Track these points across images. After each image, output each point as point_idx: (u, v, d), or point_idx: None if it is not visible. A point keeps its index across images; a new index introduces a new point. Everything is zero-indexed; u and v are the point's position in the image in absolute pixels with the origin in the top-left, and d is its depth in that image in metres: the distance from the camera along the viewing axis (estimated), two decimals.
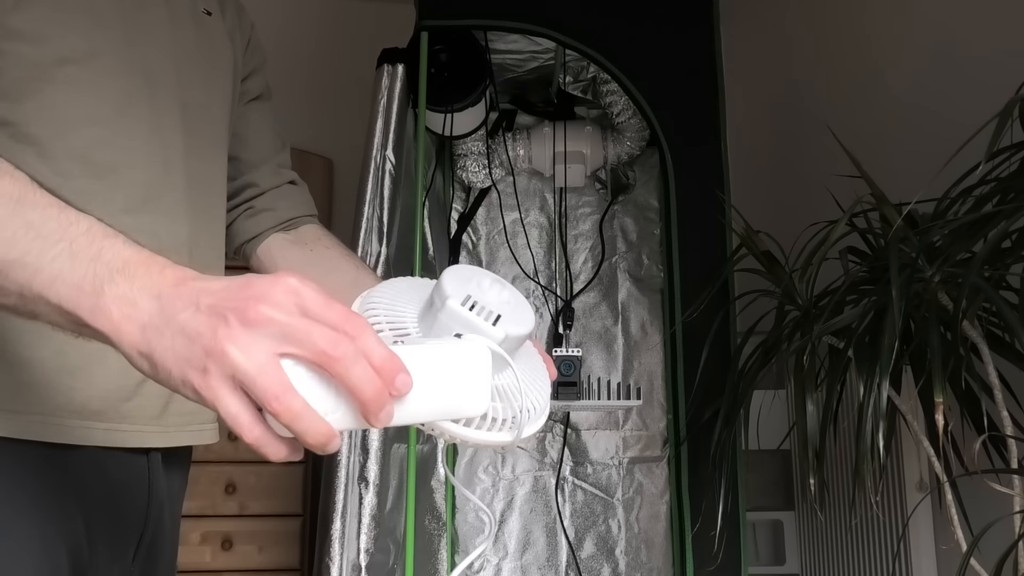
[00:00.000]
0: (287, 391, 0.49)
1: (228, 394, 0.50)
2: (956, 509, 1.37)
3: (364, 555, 1.72)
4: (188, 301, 0.52)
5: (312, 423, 0.50)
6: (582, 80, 2.26)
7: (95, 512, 0.83)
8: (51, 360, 0.77)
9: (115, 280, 0.53)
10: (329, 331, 0.51)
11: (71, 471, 0.81)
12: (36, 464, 0.77)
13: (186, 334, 0.51)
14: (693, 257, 2.00)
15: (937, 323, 1.29)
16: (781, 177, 2.68)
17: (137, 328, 0.52)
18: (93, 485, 0.83)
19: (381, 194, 1.87)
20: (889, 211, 1.48)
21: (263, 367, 0.49)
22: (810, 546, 2.25)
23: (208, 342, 0.50)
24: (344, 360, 0.50)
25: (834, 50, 2.46)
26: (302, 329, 0.50)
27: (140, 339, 0.52)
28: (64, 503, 0.79)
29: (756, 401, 1.81)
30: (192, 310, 0.51)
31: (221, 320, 0.50)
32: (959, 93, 1.91)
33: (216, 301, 0.51)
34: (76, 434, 0.80)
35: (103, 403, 0.82)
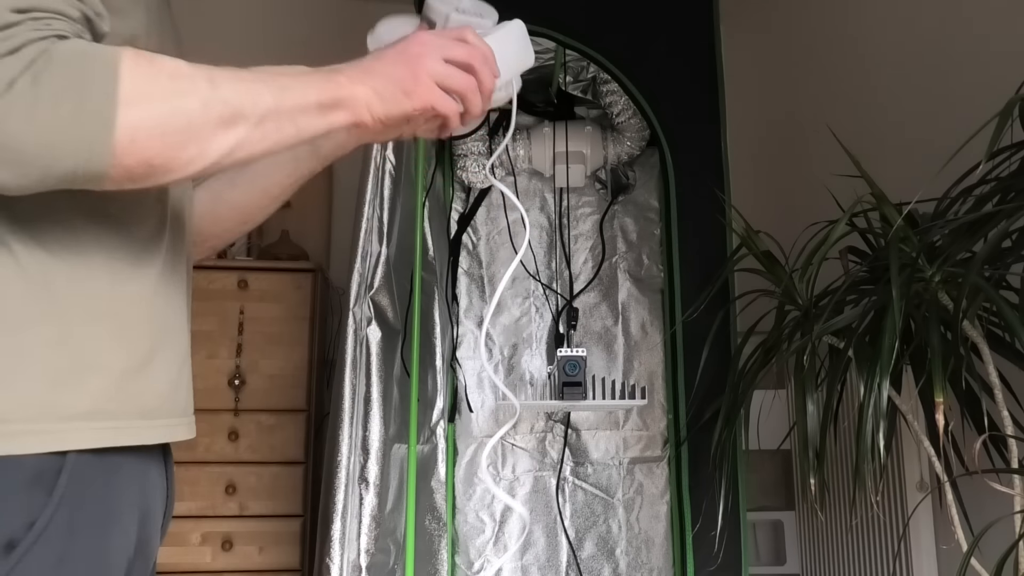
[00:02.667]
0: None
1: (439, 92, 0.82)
2: (956, 509, 1.37)
3: (364, 555, 1.72)
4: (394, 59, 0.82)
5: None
6: (582, 80, 2.26)
7: (142, 515, 0.83)
8: (120, 362, 0.78)
9: (338, 74, 0.79)
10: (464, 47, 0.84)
11: (129, 474, 0.81)
12: (115, 471, 0.78)
13: (404, 65, 0.81)
14: (693, 257, 2.00)
15: (937, 323, 1.29)
16: (781, 177, 2.68)
17: (369, 88, 0.79)
18: (145, 486, 0.84)
19: (381, 194, 1.87)
20: (889, 211, 1.48)
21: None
22: (810, 546, 2.25)
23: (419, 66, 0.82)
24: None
25: (834, 50, 2.46)
26: (451, 48, 0.83)
27: (373, 94, 0.79)
28: (128, 510, 0.80)
29: (756, 401, 1.81)
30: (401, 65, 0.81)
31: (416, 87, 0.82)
32: (959, 93, 1.91)
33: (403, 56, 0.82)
34: (143, 434, 0.81)
35: (160, 400, 0.83)
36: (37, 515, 0.70)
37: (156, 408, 0.82)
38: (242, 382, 2.38)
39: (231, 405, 2.37)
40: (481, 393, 2.20)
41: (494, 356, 2.23)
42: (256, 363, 2.40)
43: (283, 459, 2.37)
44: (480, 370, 2.22)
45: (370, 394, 1.78)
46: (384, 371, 1.81)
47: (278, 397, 2.40)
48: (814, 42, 2.59)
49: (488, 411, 2.19)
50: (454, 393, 2.18)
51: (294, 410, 2.40)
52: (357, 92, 0.78)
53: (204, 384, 2.38)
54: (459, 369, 2.20)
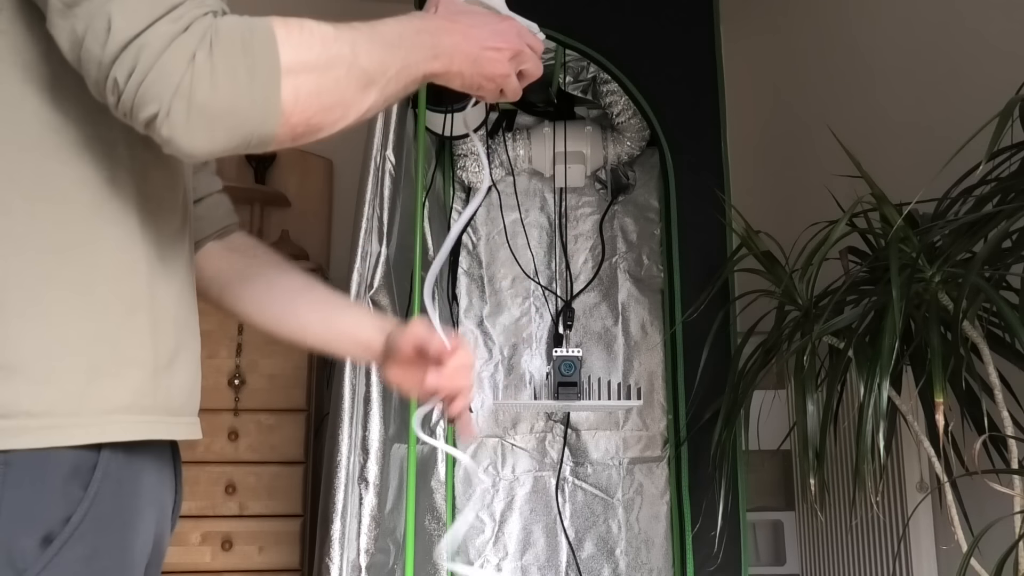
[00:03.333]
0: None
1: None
2: (956, 509, 1.37)
3: (364, 555, 1.72)
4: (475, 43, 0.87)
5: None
6: (582, 80, 2.26)
7: (159, 511, 0.86)
8: (153, 358, 0.80)
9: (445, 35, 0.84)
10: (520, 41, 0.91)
11: (150, 470, 0.82)
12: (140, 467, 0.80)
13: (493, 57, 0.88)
14: (693, 257, 2.00)
15: (937, 323, 1.29)
16: (781, 177, 2.68)
17: (465, 55, 0.85)
18: (161, 483, 0.86)
19: (381, 194, 1.87)
20: (889, 211, 1.48)
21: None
22: (810, 546, 2.25)
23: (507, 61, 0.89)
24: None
25: (834, 50, 2.46)
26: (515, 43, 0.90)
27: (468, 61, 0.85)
28: (148, 506, 0.82)
29: (756, 401, 1.81)
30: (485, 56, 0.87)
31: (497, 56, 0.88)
32: (959, 93, 1.91)
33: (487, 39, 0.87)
34: (172, 430, 0.83)
35: (184, 397, 0.86)
36: (73, 510, 0.71)
37: (181, 405, 0.85)
38: (242, 382, 2.38)
39: (231, 405, 2.37)
40: (481, 393, 2.20)
41: (494, 356, 2.23)
42: (256, 363, 2.40)
43: (283, 459, 2.37)
44: (480, 370, 2.22)
45: (370, 394, 1.77)
46: None
47: (278, 397, 2.39)
48: (814, 42, 2.59)
49: (488, 411, 2.19)
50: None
51: (294, 410, 2.40)
52: (456, 58, 0.85)
53: (204, 384, 2.36)
54: None
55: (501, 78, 0.89)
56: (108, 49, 0.64)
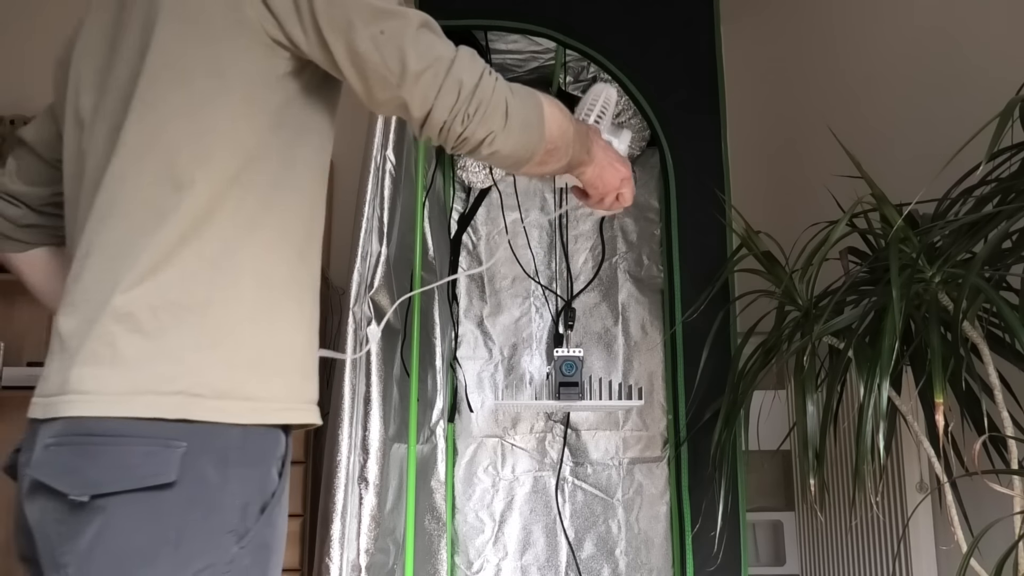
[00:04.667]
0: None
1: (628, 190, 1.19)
2: (956, 510, 1.37)
3: (364, 555, 1.72)
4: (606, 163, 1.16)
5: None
6: (582, 80, 2.26)
7: None
8: (300, 349, 0.96)
9: (587, 150, 1.11)
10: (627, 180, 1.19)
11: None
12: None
13: (614, 170, 1.17)
14: (693, 257, 2.00)
15: (937, 323, 1.29)
16: (781, 177, 2.68)
17: (594, 167, 1.13)
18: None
19: (381, 194, 1.87)
20: (889, 211, 1.48)
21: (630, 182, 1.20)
22: (810, 547, 2.25)
23: (621, 181, 1.18)
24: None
25: (834, 51, 2.46)
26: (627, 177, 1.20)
27: (595, 172, 1.14)
28: None
29: (756, 401, 1.81)
30: (611, 170, 1.16)
31: (618, 171, 1.18)
32: (959, 94, 1.91)
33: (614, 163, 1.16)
34: (308, 416, 0.96)
35: (312, 384, 0.99)
36: (276, 485, 0.89)
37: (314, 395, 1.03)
38: None
39: None
40: (481, 393, 2.20)
41: (494, 356, 2.23)
42: None
43: None
44: (480, 370, 2.22)
45: (370, 394, 1.77)
46: (384, 371, 1.81)
47: None
48: (814, 43, 2.59)
49: (488, 411, 2.19)
50: (454, 393, 2.18)
51: None
52: (596, 161, 1.14)
53: None
54: (459, 369, 2.20)
55: (614, 189, 1.18)
56: None
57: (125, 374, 0.82)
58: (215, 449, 0.83)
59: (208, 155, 0.86)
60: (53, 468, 0.81)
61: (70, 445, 0.81)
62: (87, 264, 0.87)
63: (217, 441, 0.83)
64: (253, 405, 0.86)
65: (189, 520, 0.80)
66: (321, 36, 0.87)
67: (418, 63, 0.87)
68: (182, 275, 0.84)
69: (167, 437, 0.81)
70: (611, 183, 1.17)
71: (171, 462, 0.80)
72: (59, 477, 0.80)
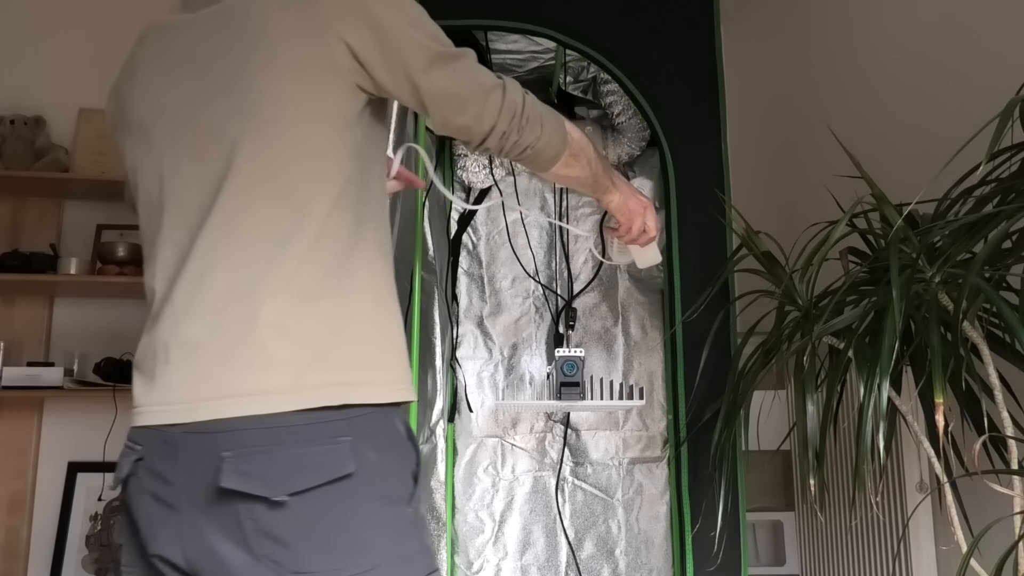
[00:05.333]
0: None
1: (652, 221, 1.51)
2: (956, 510, 1.37)
3: None
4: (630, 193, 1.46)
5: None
6: (582, 80, 2.26)
7: None
8: (399, 337, 1.10)
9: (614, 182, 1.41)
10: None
11: None
12: None
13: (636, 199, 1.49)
14: (693, 257, 2.00)
15: (937, 323, 1.29)
16: (781, 177, 2.68)
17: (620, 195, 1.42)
18: None
19: None
20: (889, 211, 1.48)
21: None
22: (810, 547, 2.25)
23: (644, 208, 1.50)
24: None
25: (834, 51, 2.46)
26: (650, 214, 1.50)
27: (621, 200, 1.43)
28: None
29: (756, 401, 1.81)
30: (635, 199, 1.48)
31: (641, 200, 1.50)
32: (959, 94, 1.91)
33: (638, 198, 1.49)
34: (411, 394, 1.09)
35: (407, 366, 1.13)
36: (415, 453, 1.04)
37: None
38: None
39: None
40: (481, 393, 2.20)
41: (494, 356, 2.23)
42: None
43: None
44: (480, 370, 2.22)
45: None
46: None
47: None
48: (814, 43, 2.59)
49: (488, 411, 2.19)
50: (454, 393, 2.18)
51: None
52: (613, 193, 1.42)
53: None
54: (459, 369, 2.20)
55: (639, 215, 1.45)
56: None
57: (281, 373, 0.95)
58: (369, 434, 0.97)
59: (318, 184, 1.01)
60: (246, 477, 0.91)
61: (251, 455, 0.91)
62: (211, 278, 0.98)
63: (370, 425, 0.98)
64: (384, 387, 1.01)
65: (371, 497, 0.95)
66: (408, 78, 1.05)
67: (486, 92, 1.10)
68: (311, 284, 0.98)
69: (333, 434, 0.94)
70: (636, 209, 1.45)
71: (345, 455, 0.93)
72: (255, 484, 0.90)
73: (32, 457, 2.65)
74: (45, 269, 2.57)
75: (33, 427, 2.66)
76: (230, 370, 0.94)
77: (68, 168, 2.75)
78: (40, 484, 2.65)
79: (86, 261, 2.63)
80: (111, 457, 2.66)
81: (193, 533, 0.93)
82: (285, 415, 0.93)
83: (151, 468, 0.97)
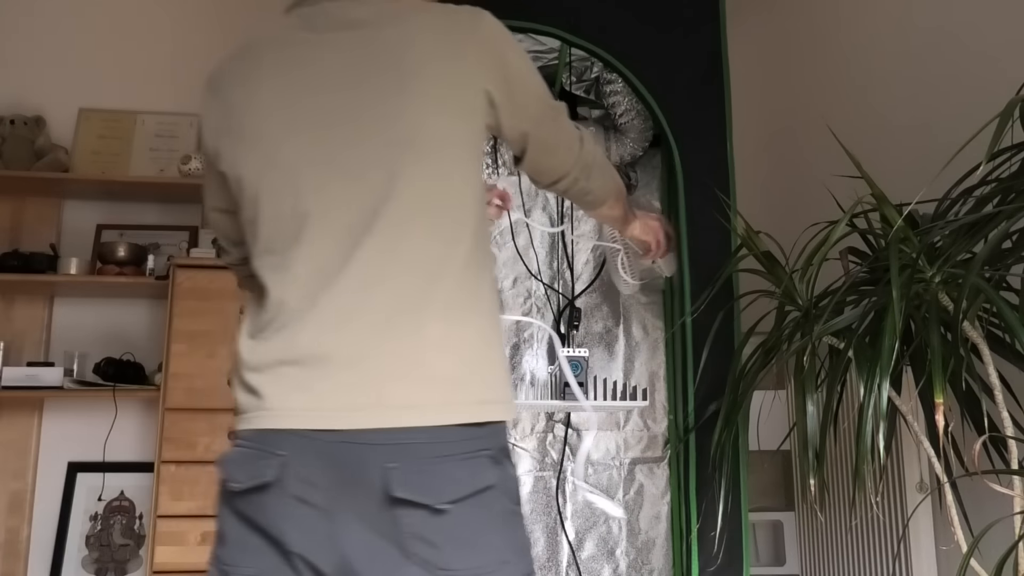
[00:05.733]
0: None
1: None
2: (956, 510, 1.37)
3: None
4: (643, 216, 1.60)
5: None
6: (585, 80, 2.26)
7: None
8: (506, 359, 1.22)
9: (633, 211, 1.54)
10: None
11: None
12: None
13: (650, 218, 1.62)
14: (695, 257, 2.00)
15: (937, 324, 1.29)
16: (781, 177, 2.68)
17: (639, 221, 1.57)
18: None
19: None
20: (889, 211, 1.48)
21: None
22: (810, 547, 2.25)
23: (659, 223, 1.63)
24: None
25: (835, 51, 2.46)
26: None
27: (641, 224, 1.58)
28: None
29: (756, 401, 1.81)
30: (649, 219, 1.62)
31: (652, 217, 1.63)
32: (959, 93, 1.91)
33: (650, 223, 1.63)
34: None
35: None
36: (515, 467, 1.13)
37: None
38: None
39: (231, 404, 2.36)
40: None
41: None
42: None
43: None
44: None
45: None
46: None
47: None
48: (815, 44, 2.59)
49: None
50: None
51: None
52: (634, 222, 1.55)
53: (204, 383, 2.38)
54: None
55: (658, 231, 1.58)
56: None
57: (438, 389, 1.03)
58: (500, 447, 1.08)
59: (465, 215, 1.10)
60: (412, 487, 0.99)
61: (415, 466, 1.00)
62: (374, 296, 1.04)
63: (500, 439, 1.09)
64: (504, 406, 1.09)
65: (503, 502, 1.06)
66: (524, 125, 1.18)
67: (572, 144, 1.25)
68: (462, 310, 1.07)
69: (479, 448, 1.04)
70: (654, 226, 1.60)
71: (488, 467, 1.04)
72: (421, 493, 0.99)
73: (32, 457, 2.65)
74: (45, 269, 2.57)
75: (33, 427, 2.66)
76: (392, 382, 1.01)
77: (68, 168, 2.75)
78: (40, 484, 2.65)
79: (86, 261, 2.63)
80: (111, 457, 2.66)
81: (346, 536, 0.99)
82: (441, 429, 1.01)
83: (298, 473, 1.00)
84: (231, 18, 3.02)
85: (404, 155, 1.07)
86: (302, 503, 1.00)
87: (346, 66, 1.10)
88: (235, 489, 1.04)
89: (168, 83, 2.93)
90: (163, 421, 2.35)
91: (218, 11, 3.01)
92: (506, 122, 1.16)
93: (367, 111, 1.08)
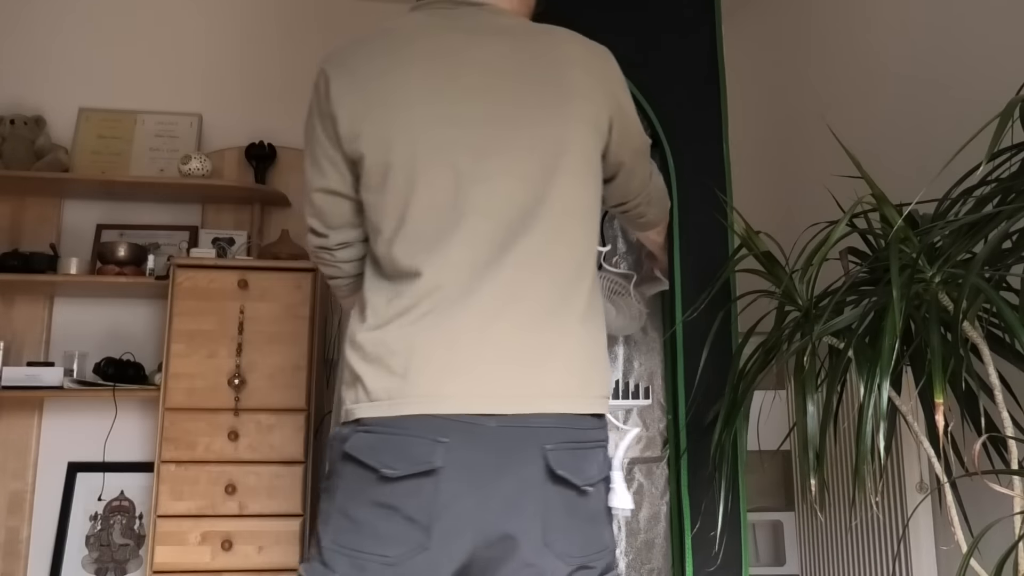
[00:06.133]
0: None
1: None
2: (956, 510, 1.37)
3: None
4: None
5: None
6: None
7: None
8: None
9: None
10: None
11: None
12: None
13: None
14: (693, 257, 2.00)
15: (937, 324, 1.29)
16: (781, 177, 2.68)
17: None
18: None
19: None
20: (890, 211, 1.48)
21: None
22: (810, 547, 2.25)
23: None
24: None
25: (835, 51, 2.46)
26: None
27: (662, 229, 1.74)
28: None
29: (756, 402, 1.81)
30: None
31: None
32: (959, 93, 1.91)
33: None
34: None
35: None
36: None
37: None
38: (242, 381, 2.38)
39: (231, 404, 2.37)
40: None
41: None
42: (256, 362, 2.40)
43: (283, 459, 2.37)
44: None
45: None
46: None
47: (278, 396, 2.40)
48: (815, 43, 2.59)
49: None
50: None
51: (294, 410, 2.40)
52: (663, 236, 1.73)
53: (204, 383, 2.38)
54: None
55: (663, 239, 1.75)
56: None
57: (578, 380, 1.13)
58: (606, 439, 1.18)
59: (596, 225, 1.21)
60: (566, 468, 1.08)
61: (570, 450, 1.09)
62: (531, 292, 1.11)
63: (606, 431, 1.18)
64: (607, 402, 1.19)
65: (606, 490, 1.18)
66: (623, 154, 1.28)
67: (648, 174, 1.39)
68: (595, 313, 1.18)
69: (602, 438, 1.15)
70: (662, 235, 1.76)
71: (606, 457, 1.16)
72: (576, 475, 1.09)
73: (32, 457, 2.65)
74: (45, 269, 2.57)
75: (33, 427, 2.66)
76: (544, 373, 1.10)
77: (68, 168, 2.75)
78: (40, 484, 2.66)
79: (86, 261, 2.63)
80: (111, 457, 2.66)
81: (502, 511, 1.05)
82: (579, 417, 1.11)
83: (460, 458, 1.04)
84: (231, 18, 3.02)
85: (558, 163, 1.15)
86: (462, 486, 1.04)
87: (504, 70, 1.18)
88: (390, 476, 1.03)
89: (168, 83, 2.93)
90: (163, 421, 2.35)
91: (218, 11, 3.01)
92: (614, 149, 1.26)
93: (527, 116, 1.16)
